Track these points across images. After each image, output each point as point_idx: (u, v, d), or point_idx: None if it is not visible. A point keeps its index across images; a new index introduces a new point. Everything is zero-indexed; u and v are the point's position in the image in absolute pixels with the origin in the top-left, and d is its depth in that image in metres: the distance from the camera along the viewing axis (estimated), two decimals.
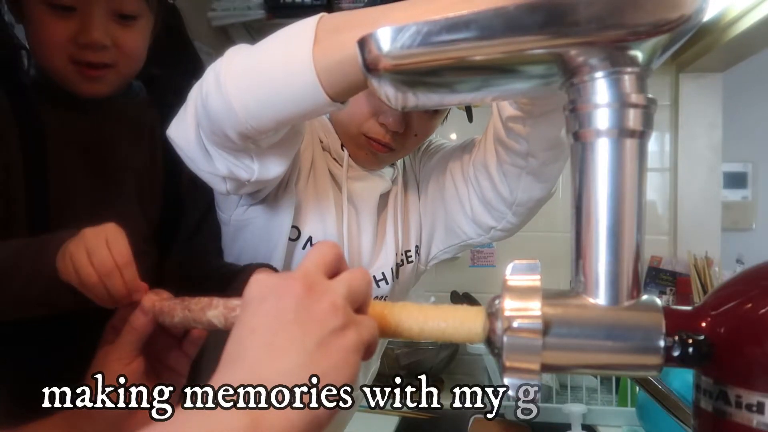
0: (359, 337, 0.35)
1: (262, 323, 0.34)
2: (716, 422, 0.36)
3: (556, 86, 0.42)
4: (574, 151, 0.40)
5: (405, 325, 0.39)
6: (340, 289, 0.36)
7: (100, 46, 0.69)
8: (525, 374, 0.35)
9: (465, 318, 0.38)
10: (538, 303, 0.36)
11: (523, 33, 0.37)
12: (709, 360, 0.35)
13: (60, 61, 0.69)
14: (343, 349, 0.34)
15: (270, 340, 0.33)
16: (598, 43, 0.36)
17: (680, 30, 0.36)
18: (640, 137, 0.38)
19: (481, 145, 0.77)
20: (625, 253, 0.38)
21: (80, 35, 0.68)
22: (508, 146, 0.70)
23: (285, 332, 0.34)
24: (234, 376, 0.32)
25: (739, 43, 1.32)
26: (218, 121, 0.55)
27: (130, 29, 0.72)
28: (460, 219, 0.82)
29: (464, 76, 0.42)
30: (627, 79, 0.37)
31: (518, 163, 0.71)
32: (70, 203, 0.71)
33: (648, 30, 0.35)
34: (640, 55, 0.37)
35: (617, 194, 0.37)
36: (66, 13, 0.68)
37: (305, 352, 0.33)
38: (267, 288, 0.36)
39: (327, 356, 0.33)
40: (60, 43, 0.68)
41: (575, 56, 0.37)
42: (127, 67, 0.74)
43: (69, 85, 0.71)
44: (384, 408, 1.37)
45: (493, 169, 0.74)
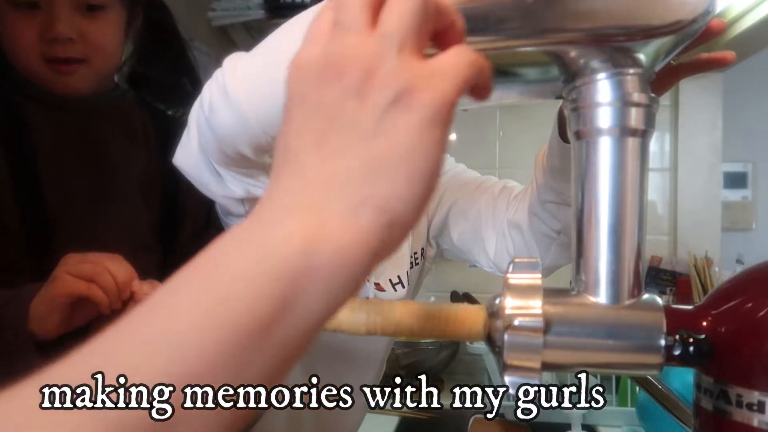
0: (434, 96, 0.26)
1: (304, 122, 0.28)
2: (717, 421, 0.36)
3: (558, 87, 0.42)
4: (575, 149, 0.40)
5: (406, 323, 0.39)
6: (386, 41, 0.26)
7: (65, 39, 0.68)
8: (525, 372, 0.35)
9: (466, 316, 0.38)
10: (538, 301, 0.36)
11: (522, 33, 0.37)
12: (710, 359, 0.35)
13: (32, 60, 0.68)
14: (412, 125, 0.25)
15: (319, 140, 0.26)
16: (602, 43, 0.36)
17: (686, 32, 0.35)
18: (642, 136, 0.38)
19: (518, 207, 0.76)
20: (627, 252, 0.38)
21: (45, 30, 0.67)
22: (543, 220, 0.71)
23: (331, 129, 0.26)
24: (285, 192, 0.26)
25: (739, 43, 1.32)
26: (229, 137, 0.51)
27: (97, 21, 0.70)
28: (479, 254, 0.81)
29: None
30: (629, 79, 0.37)
31: (550, 235, 0.72)
32: (66, 203, 0.71)
33: (655, 31, 0.35)
34: (643, 56, 0.37)
35: (619, 193, 0.37)
36: (30, 11, 0.67)
37: (362, 145, 0.26)
38: (303, 81, 0.28)
39: (390, 142, 0.25)
40: (29, 42, 0.67)
41: (578, 57, 0.37)
42: (100, 61, 0.72)
43: (44, 83, 0.70)
44: (384, 408, 1.37)
45: (526, 232, 0.74)
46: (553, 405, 0.37)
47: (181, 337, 0.22)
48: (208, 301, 0.23)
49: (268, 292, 0.23)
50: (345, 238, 0.24)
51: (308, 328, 0.24)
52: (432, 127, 0.26)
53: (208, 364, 0.22)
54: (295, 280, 0.23)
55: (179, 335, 0.22)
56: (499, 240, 0.78)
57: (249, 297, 0.23)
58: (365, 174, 0.25)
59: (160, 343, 0.22)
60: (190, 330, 0.22)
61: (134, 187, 0.76)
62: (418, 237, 0.87)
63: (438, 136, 0.26)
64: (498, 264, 0.80)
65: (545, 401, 0.36)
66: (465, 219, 0.82)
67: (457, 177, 0.87)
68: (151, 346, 0.22)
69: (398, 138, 0.26)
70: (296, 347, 0.24)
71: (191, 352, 0.22)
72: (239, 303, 0.23)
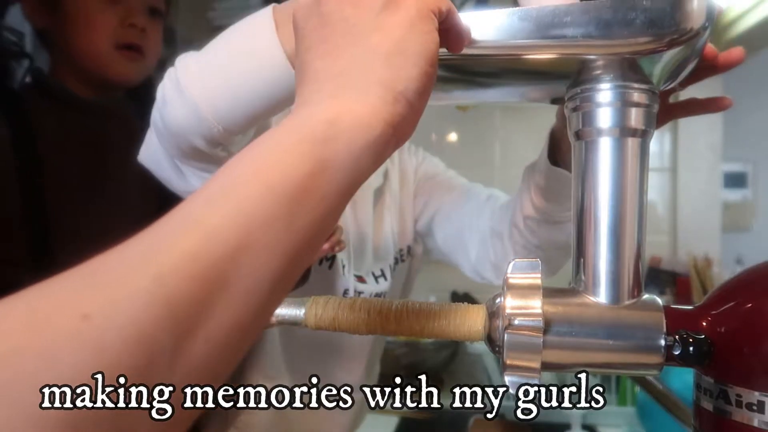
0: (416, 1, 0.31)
1: (312, 39, 0.32)
2: (717, 421, 0.36)
3: (554, 91, 0.42)
4: (575, 149, 0.40)
5: (406, 323, 0.39)
6: None
7: (141, 28, 0.80)
8: (525, 372, 0.35)
9: (466, 316, 0.38)
10: (538, 301, 0.36)
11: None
12: (710, 359, 0.35)
13: (105, 44, 0.79)
14: (401, 20, 0.31)
15: (325, 48, 0.32)
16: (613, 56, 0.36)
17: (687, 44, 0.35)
18: (642, 136, 0.38)
19: (502, 217, 0.77)
20: (627, 252, 0.38)
21: (126, 17, 0.79)
22: (522, 234, 0.72)
23: (333, 35, 0.31)
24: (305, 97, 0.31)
25: (739, 43, 1.32)
26: (182, 131, 0.52)
27: (155, 24, 0.83)
28: (461, 259, 0.83)
29: (458, 74, 0.42)
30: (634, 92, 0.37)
31: (529, 248, 0.73)
32: (66, 199, 0.73)
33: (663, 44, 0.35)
34: (649, 71, 0.37)
35: (619, 193, 0.38)
36: (112, 3, 0.79)
37: (362, 41, 0.31)
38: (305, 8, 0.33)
39: (386, 36, 0.31)
40: (108, 27, 0.79)
41: (588, 65, 0.37)
42: (151, 59, 0.84)
43: (107, 67, 0.80)
44: (384, 408, 1.36)
45: (507, 243, 0.75)
46: (553, 405, 0.37)
47: (242, 188, 0.26)
48: (262, 164, 0.27)
49: (307, 154, 0.27)
50: (359, 111, 0.29)
51: (342, 185, 0.28)
52: (419, 22, 0.31)
53: (266, 212, 0.25)
54: (325, 144, 0.28)
55: (242, 186, 0.26)
56: (480, 247, 0.79)
57: (291, 159, 0.27)
58: (368, 62, 0.30)
59: (225, 193, 0.26)
60: (251, 182, 0.26)
61: (132, 185, 0.78)
62: (404, 234, 0.87)
63: (425, 30, 0.31)
64: (478, 270, 0.81)
65: (545, 401, 0.36)
66: (450, 223, 0.84)
67: (447, 182, 0.88)
68: (216, 198, 0.26)
69: (392, 31, 0.31)
70: (333, 205, 0.28)
71: (250, 201, 0.25)
72: (284, 164, 0.27)
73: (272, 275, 0.25)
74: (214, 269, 0.23)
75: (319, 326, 0.40)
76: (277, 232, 0.25)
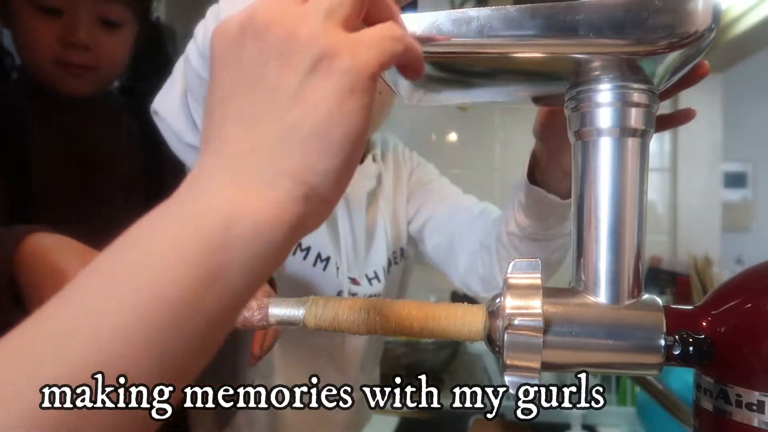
0: (354, 62, 0.26)
1: (227, 87, 0.27)
2: (717, 421, 0.36)
3: (561, 88, 0.41)
4: (575, 149, 0.40)
5: (406, 323, 0.39)
6: (313, 8, 0.26)
7: (82, 46, 0.72)
8: (525, 372, 0.35)
9: (466, 316, 0.38)
10: (538, 301, 0.36)
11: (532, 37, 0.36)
12: (710, 359, 0.35)
13: (46, 60, 0.72)
14: (330, 92, 0.25)
15: (241, 109, 0.26)
16: (613, 55, 0.36)
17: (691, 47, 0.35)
18: (642, 136, 0.38)
19: (491, 231, 0.77)
20: (627, 252, 0.38)
21: (66, 35, 0.71)
22: (507, 250, 0.72)
23: (253, 94, 0.26)
24: (208, 165, 0.26)
25: (739, 43, 1.32)
26: None
27: (112, 35, 0.75)
28: (450, 269, 0.83)
29: (458, 74, 0.42)
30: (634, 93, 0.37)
31: None
32: (55, 198, 0.73)
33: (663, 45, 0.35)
34: (651, 71, 0.37)
35: (619, 193, 0.38)
36: (52, 16, 0.71)
37: (281, 114, 0.26)
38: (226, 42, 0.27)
39: (307, 111, 0.25)
40: (47, 43, 0.71)
41: (587, 65, 0.37)
42: (108, 70, 0.77)
43: (52, 83, 0.74)
44: (384, 408, 1.36)
45: (494, 256, 0.75)
46: (553, 405, 0.37)
47: (107, 318, 0.22)
48: (132, 278, 0.23)
49: (194, 267, 0.23)
50: (262, 211, 0.25)
51: (234, 298, 0.24)
52: (350, 96, 0.25)
53: (133, 346, 0.22)
54: (217, 255, 0.23)
55: (106, 315, 0.22)
56: (469, 260, 0.80)
57: (174, 272, 0.23)
58: (282, 145, 0.25)
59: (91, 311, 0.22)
60: (118, 309, 0.22)
61: (120, 184, 0.79)
62: (398, 236, 0.88)
63: (356, 106, 0.26)
64: (466, 282, 0.81)
65: (545, 401, 0.36)
66: (440, 234, 0.84)
67: (439, 190, 0.88)
68: (78, 326, 0.22)
69: (316, 106, 0.25)
70: (224, 319, 0.24)
71: (118, 329, 0.22)
72: (165, 277, 0.23)
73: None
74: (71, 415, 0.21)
75: (318, 326, 0.40)
76: (149, 359, 0.22)
